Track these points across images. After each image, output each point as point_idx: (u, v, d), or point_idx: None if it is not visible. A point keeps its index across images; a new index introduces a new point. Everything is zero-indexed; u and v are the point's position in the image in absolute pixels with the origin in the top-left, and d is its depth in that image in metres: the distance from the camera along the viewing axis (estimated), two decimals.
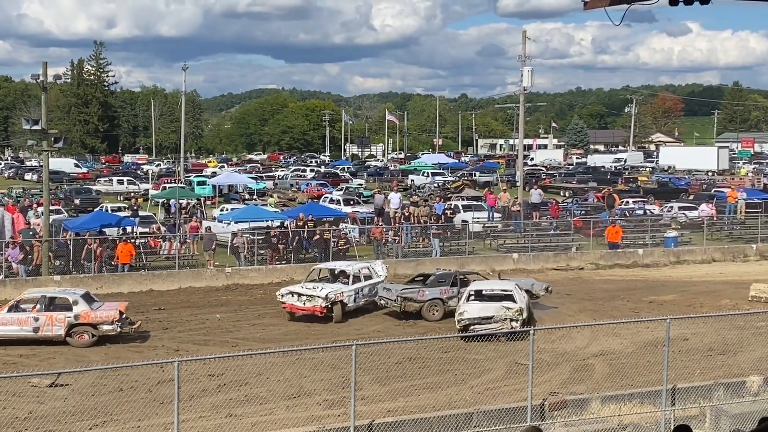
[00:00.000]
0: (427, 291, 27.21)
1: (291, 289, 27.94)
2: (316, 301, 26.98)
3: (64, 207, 49.77)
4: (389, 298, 27.46)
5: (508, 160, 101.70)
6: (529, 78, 50.21)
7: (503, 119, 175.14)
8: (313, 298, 27.03)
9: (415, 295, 27.01)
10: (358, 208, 48.18)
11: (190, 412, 16.87)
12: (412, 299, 26.97)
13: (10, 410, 17.64)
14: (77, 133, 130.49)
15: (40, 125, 33.74)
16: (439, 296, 27.17)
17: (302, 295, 27.30)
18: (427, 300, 27.00)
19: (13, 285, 30.75)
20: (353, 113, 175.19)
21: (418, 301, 26.97)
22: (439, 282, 27.69)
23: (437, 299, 27.14)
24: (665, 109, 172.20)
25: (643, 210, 48.16)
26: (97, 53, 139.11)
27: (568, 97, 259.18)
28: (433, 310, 27.02)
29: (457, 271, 29.14)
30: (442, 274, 28.51)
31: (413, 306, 26.96)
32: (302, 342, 24.45)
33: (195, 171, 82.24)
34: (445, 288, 27.36)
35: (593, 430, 16.76)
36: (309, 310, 27.05)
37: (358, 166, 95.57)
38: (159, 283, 32.91)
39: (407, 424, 16.18)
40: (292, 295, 27.52)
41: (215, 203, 54.69)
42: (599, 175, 78.19)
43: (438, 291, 27.25)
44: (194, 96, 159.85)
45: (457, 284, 27.34)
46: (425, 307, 26.96)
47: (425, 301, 26.99)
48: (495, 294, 25.45)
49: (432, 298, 27.09)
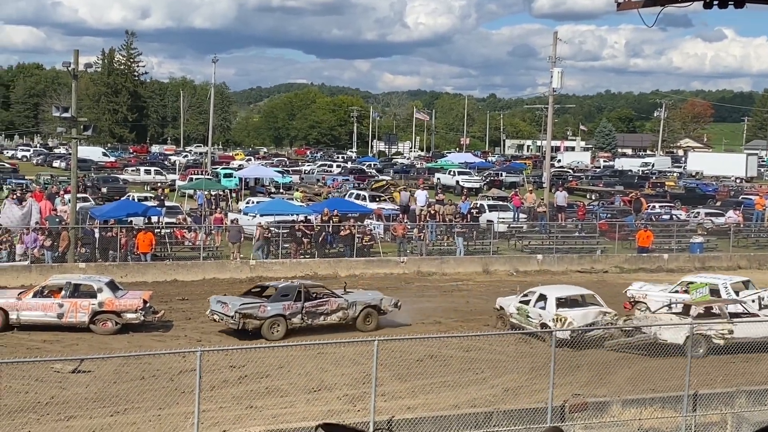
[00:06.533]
0: (269, 306, 24.30)
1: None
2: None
3: (91, 195, 50.11)
4: (225, 313, 24.25)
5: (535, 161, 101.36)
6: (558, 79, 50.08)
7: (531, 120, 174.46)
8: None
9: (255, 311, 24.16)
10: (383, 204, 48.22)
11: (210, 402, 16.96)
12: (252, 316, 24.08)
13: (33, 395, 17.75)
14: (106, 122, 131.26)
15: (69, 113, 33.96)
16: (281, 312, 24.37)
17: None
18: (269, 317, 24.21)
19: (39, 271, 30.96)
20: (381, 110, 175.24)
21: (259, 318, 24.11)
22: (282, 296, 24.74)
23: (279, 316, 24.39)
24: (695, 114, 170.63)
25: (670, 215, 47.89)
26: (129, 43, 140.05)
27: (598, 100, 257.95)
28: (274, 328, 24.23)
29: (302, 283, 26.01)
30: (285, 287, 25.30)
31: (253, 323, 24.05)
32: (324, 336, 24.49)
33: (222, 163, 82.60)
34: (288, 303, 24.54)
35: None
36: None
37: (385, 163, 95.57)
38: (183, 274, 33.05)
39: (426, 421, 16.17)
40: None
41: (241, 196, 54.87)
42: (626, 178, 77.77)
43: (281, 306, 24.40)
44: (223, 88, 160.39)
45: (301, 299, 24.71)
46: (266, 324, 24.10)
47: (266, 318, 24.18)
48: (579, 300, 25.13)
49: (274, 314, 24.31)
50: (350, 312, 25.31)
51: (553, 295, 24.91)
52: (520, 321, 25.21)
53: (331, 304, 25.14)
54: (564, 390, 18.11)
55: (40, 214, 35.36)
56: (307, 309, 24.71)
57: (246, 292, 26.00)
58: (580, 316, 24.04)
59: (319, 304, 24.97)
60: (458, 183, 66.65)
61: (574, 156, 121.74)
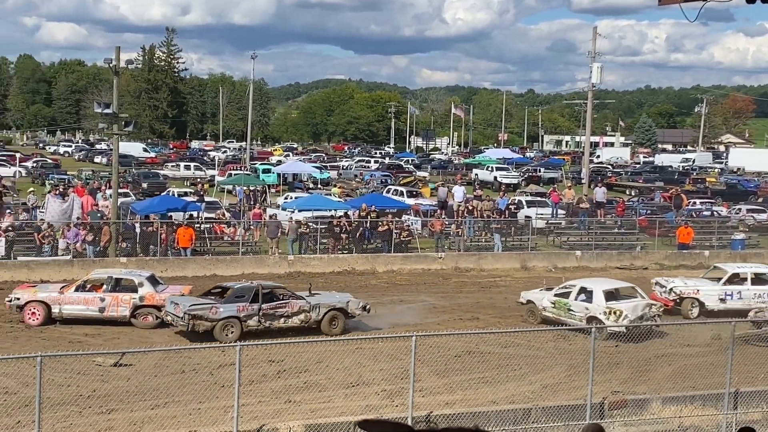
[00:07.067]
0: (221, 308, 23.34)
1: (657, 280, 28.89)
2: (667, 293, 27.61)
3: (132, 190, 50.59)
4: (176, 314, 23.40)
5: (574, 157, 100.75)
6: (598, 75, 49.78)
7: (570, 116, 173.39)
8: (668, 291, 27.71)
9: (206, 312, 23.21)
10: (421, 200, 48.20)
11: (249, 396, 17.07)
12: (202, 317, 23.16)
13: (75, 388, 17.99)
14: (146, 118, 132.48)
15: (111, 109, 34.32)
16: (235, 314, 23.37)
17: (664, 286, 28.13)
18: (221, 318, 23.21)
19: (81, 265, 31.31)
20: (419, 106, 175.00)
21: (210, 319, 23.16)
22: (236, 297, 23.74)
23: (233, 318, 23.40)
24: (736, 109, 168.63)
25: (711, 211, 47.42)
26: (169, 40, 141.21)
27: (637, 95, 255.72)
28: (227, 330, 23.22)
29: (260, 284, 24.77)
30: (242, 287, 24.35)
31: (204, 325, 23.12)
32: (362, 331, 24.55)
33: (260, 159, 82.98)
34: (243, 305, 23.51)
35: (653, 430, 16.59)
36: (663, 301, 27.19)
37: (422, 159, 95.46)
38: (222, 268, 33.26)
39: (465, 417, 16.15)
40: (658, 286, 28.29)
41: (279, 191, 55.12)
42: (667, 174, 77.05)
43: (235, 308, 23.42)
44: (262, 84, 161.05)
45: (258, 300, 23.64)
46: (218, 326, 23.14)
47: (218, 319, 23.20)
48: (625, 292, 25.14)
49: (227, 316, 23.31)
50: (313, 315, 24.15)
51: (600, 288, 24.78)
52: (558, 315, 25.07)
53: (292, 306, 24.02)
54: (603, 387, 18.02)
55: (82, 209, 35.76)
56: (265, 311, 23.63)
57: (206, 293, 24.92)
58: (631, 308, 23.96)
59: (278, 306, 23.90)
60: (496, 179, 66.43)
61: (613, 152, 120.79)
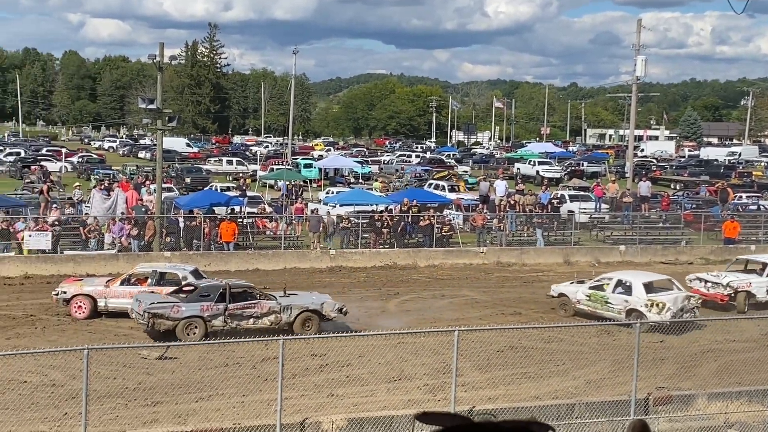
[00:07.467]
0: (183, 307, 22.54)
1: (698, 276, 28.39)
2: (719, 288, 27.23)
3: (176, 185, 51.00)
4: (138, 312, 22.76)
5: (618, 150, 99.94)
6: (642, 67, 49.30)
7: (614, 109, 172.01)
8: (717, 286, 27.31)
9: (167, 311, 22.43)
10: (462, 194, 48.08)
11: (292, 389, 17.14)
12: (162, 316, 22.38)
13: (121, 380, 18.20)
14: (189, 114, 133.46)
15: (155, 104, 34.61)
16: (198, 314, 22.54)
17: (708, 281, 27.70)
18: (183, 318, 22.39)
19: (126, 259, 31.64)
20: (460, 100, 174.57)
21: (172, 318, 22.35)
22: (201, 296, 23.01)
23: (196, 317, 22.56)
24: None
25: (757, 205, 46.80)
26: (211, 35, 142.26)
27: (682, 88, 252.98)
28: (190, 330, 22.39)
29: (228, 282, 23.79)
30: (207, 286, 23.63)
31: (165, 324, 22.31)
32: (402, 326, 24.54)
33: (302, 153, 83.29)
34: (208, 304, 22.70)
35: (698, 426, 16.42)
36: (711, 297, 27.13)
37: (464, 153, 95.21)
38: (264, 263, 33.41)
39: (507, 411, 16.09)
40: (699, 281, 27.89)
41: (321, 186, 55.27)
42: (712, 168, 76.10)
43: (198, 307, 22.63)
44: (303, 79, 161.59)
45: (224, 299, 22.77)
46: (180, 326, 22.31)
47: (180, 319, 22.37)
48: (662, 285, 25.02)
49: (189, 316, 22.51)
50: (284, 316, 23.29)
51: (639, 280, 24.60)
52: (594, 308, 24.91)
53: (261, 307, 23.18)
54: (648, 383, 17.87)
55: (126, 204, 36.11)
56: (231, 311, 22.81)
57: (175, 291, 23.95)
58: (672, 300, 23.79)
59: (245, 306, 23.08)
60: (538, 173, 66.11)
61: (657, 145, 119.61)
